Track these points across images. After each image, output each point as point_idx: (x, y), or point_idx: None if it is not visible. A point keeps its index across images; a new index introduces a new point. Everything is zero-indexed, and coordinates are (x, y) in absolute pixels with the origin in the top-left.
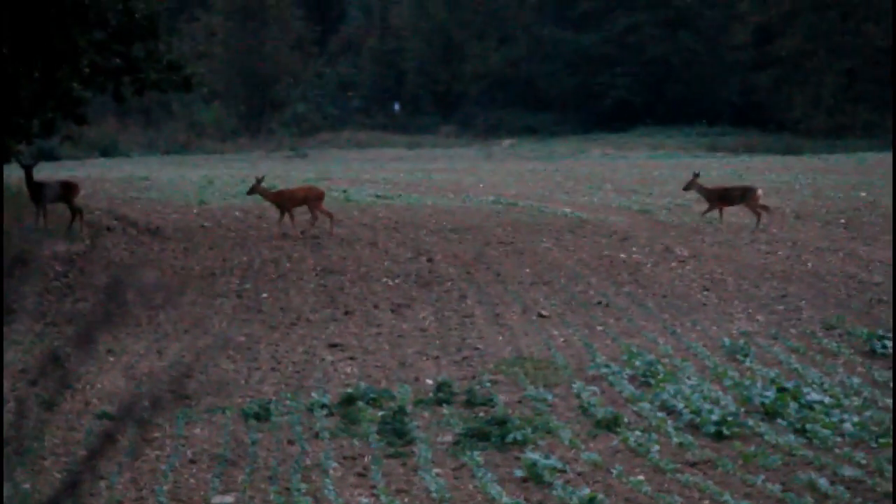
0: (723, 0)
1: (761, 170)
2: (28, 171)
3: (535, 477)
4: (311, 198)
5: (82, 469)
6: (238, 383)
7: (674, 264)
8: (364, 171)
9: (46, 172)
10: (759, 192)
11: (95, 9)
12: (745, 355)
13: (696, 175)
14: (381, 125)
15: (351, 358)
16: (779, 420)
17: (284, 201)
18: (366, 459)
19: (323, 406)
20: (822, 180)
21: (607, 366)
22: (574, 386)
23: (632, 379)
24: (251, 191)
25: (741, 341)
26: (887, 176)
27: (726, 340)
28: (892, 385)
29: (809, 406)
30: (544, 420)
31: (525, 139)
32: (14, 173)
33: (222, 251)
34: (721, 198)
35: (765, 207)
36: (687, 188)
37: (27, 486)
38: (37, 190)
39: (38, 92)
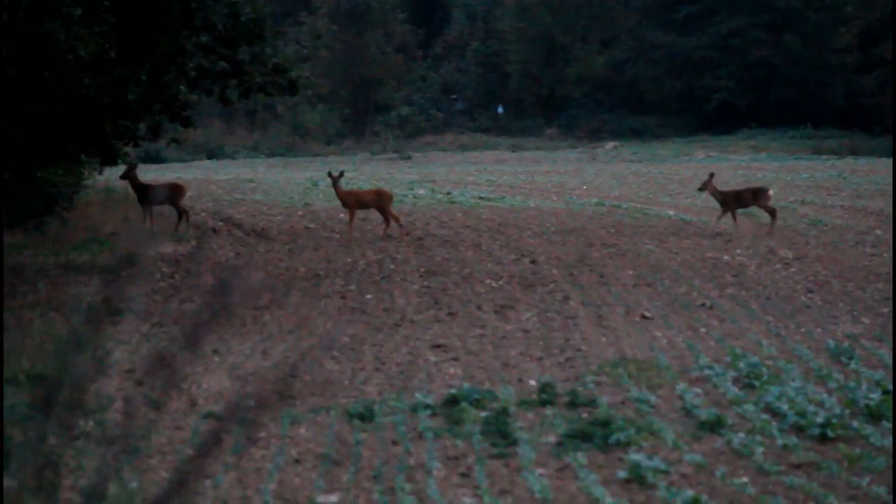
0: (828, 2)
1: (866, 172)
2: (133, 172)
3: (638, 478)
4: (382, 201)
5: (189, 468)
6: (342, 384)
7: (778, 266)
8: (467, 174)
9: (152, 175)
10: (770, 192)
11: (202, 13)
12: (850, 358)
13: (712, 176)
14: (484, 128)
15: (454, 359)
16: (884, 422)
17: (352, 200)
18: (469, 460)
19: (427, 406)
20: None
21: (711, 367)
22: (677, 387)
23: (735, 380)
24: (334, 183)
25: (846, 343)
26: None
27: (831, 343)
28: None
29: None
30: (647, 421)
31: (628, 142)
32: (117, 174)
33: (327, 252)
34: (734, 200)
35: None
36: (701, 189)
37: (134, 484)
38: (144, 192)
39: (144, 95)
